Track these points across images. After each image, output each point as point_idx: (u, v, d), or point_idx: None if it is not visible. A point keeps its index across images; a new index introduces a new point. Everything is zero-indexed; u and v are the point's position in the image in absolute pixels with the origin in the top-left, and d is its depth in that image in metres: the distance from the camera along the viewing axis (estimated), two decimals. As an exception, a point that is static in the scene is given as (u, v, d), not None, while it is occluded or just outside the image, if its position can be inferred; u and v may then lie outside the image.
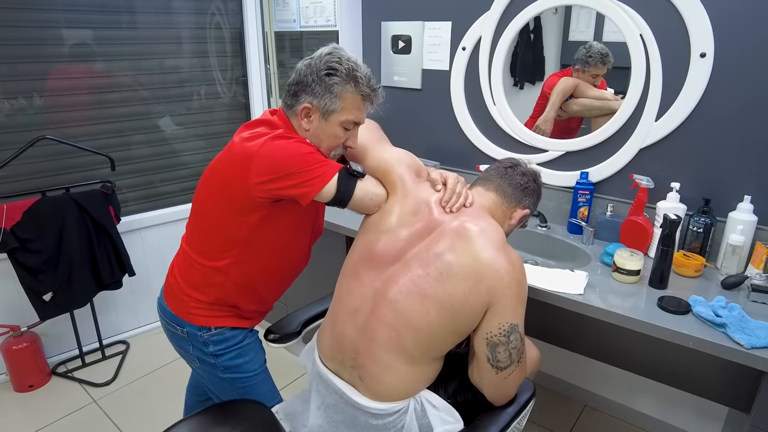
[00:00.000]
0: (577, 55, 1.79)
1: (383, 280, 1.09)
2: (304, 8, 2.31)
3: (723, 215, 1.52)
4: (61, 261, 2.03)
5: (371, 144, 1.28)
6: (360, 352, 1.10)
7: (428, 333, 1.04)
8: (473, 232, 1.05)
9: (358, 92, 1.15)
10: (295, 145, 1.12)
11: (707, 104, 1.52)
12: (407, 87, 2.20)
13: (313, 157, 1.13)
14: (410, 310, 1.04)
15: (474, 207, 1.16)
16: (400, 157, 1.23)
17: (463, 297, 1.01)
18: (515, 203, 1.22)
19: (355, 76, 1.14)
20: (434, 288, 1.02)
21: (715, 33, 1.45)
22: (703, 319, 1.25)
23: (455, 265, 1.02)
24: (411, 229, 1.11)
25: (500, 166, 1.27)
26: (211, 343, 1.28)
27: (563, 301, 1.39)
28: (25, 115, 2.08)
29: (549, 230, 1.83)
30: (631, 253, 1.47)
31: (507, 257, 1.03)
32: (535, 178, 1.27)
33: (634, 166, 1.69)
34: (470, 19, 1.92)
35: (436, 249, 1.05)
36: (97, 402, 2.11)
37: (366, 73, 1.16)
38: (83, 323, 2.28)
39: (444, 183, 1.19)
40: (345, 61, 1.14)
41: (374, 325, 1.08)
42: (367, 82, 1.16)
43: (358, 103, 1.17)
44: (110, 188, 2.14)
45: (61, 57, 2.13)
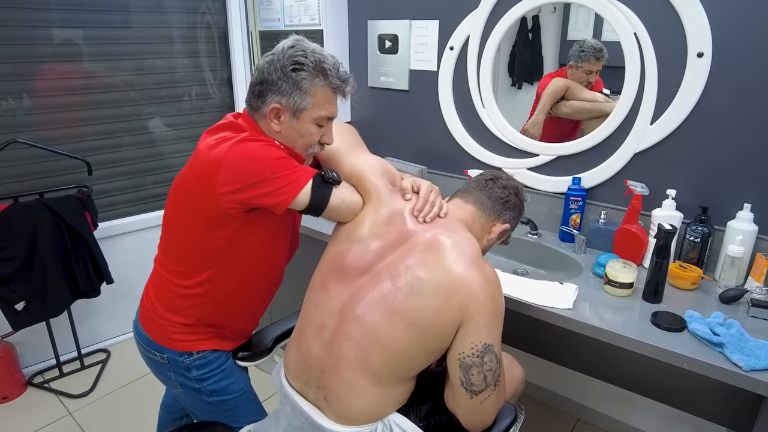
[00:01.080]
0: (570, 52, 1.73)
1: (351, 294, 1.03)
2: (288, 6, 2.23)
3: (721, 224, 1.44)
4: (34, 269, 1.96)
5: (346, 150, 1.22)
6: (326, 371, 1.03)
7: (397, 351, 0.97)
8: (446, 245, 1.00)
9: (329, 85, 1.08)
10: (264, 149, 1.05)
11: (705, 107, 1.44)
12: (394, 88, 2.12)
13: (284, 162, 1.05)
14: (378, 327, 0.98)
15: (450, 219, 1.10)
16: (374, 164, 1.17)
17: (433, 313, 0.94)
18: (494, 217, 1.16)
19: (323, 68, 1.07)
20: (404, 303, 0.96)
21: (713, 31, 1.37)
22: (699, 337, 1.17)
23: (426, 280, 0.96)
24: (383, 240, 1.05)
25: (480, 179, 1.22)
26: (194, 368, 1.21)
27: (551, 317, 1.31)
28: (1, 118, 2.01)
29: (540, 238, 1.75)
30: (624, 264, 1.39)
31: (481, 272, 0.97)
32: (516, 192, 1.21)
33: (628, 172, 1.61)
34: (458, 17, 1.84)
35: (407, 261, 1.00)
36: (72, 414, 2.04)
37: (333, 63, 1.09)
38: (61, 332, 2.20)
39: (416, 191, 1.13)
40: (310, 54, 1.07)
41: (340, 342, 1.01)
42: (336, 73, 1.09)
43: (330, 96, 1.10)
44: (86, 193, 2.07)
45: (43, 57, 2.06)
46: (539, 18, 1.80)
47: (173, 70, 2.43)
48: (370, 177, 1.14)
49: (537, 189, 1.81)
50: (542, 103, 1.79)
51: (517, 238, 1.77)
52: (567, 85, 1.74)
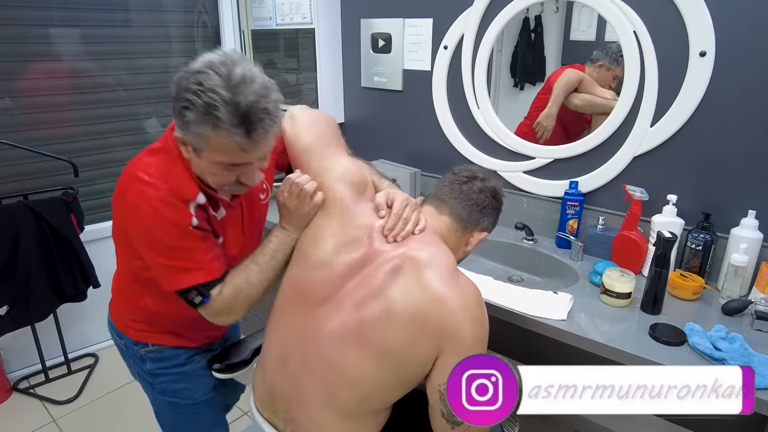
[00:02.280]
0: (603, 51, 1.64)
1: (314, 324, 0.95)
2: (279, 5, 2.18)
3: (725, 231, 1.37)
4: (17, 273, 1.91)
5: (316, 150, 1.11)
6: (291, 405, 0.96)
7: (366, 385, 0.90)
8: (418, 264, 0.90)
9: (222, 137, 0.83)
10: (160, 225, 0.91)
11: (708, 108, 1.37)
12: (388, 88, 2.06)
13: (174, 251, 0.93)
14: (343, 361, 0.90)
15: (424, 231, 1.00)
16: (343, 170, 1.07)
17: (407, 344, 0.86)
18: (472, 227, 1.07)
19: (214, 115, 0.81)
20: (371, 334, 0.88)
21: (716, 29, 1.30)
22: (699, 352, 1.10)
23: (395, 306, 0.87)
24: (347, 262, 0.95)
25: (454, 182, 1.09)
26: (148, 360, 1.16)
27: (545, 328, 1.25)
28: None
29: (535, 244, 1.69)
30: (621, 273, 1.33)
31: (459, 290, 0.88)
32: (494, 194, 1.10)
33: (627, 176, 1.54)
34: (452, 15, 1.78)
35: (373, 285, 0.90)
36: (56, 421, 1.99)
37: (233, 107, 0.81)
38: (48, 336, 2.16)
39: (389, 206, 1.01)
40: (207, 92, 0.81)
41: (303, 377, 0.94)
42: (235, 121, 0.82)
43: (229, 148, 0.85)
44: (72, 195, 2.02)
45: (32, 56, 2.03)
46: (542, 18, 1.76)
47: (167, 69, 2.39)
48: (335, 185, 1.04)
49: (533, 193, 1.74)
50: (556, 93, 1.71)
51: (513, 243, 1.71)
52: (581, 78, 1.67)
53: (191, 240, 0.94)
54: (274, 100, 0.86)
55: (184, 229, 0.92)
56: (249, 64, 0.86)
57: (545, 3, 1.66)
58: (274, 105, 0.87)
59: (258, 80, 0.84)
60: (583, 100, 1.68)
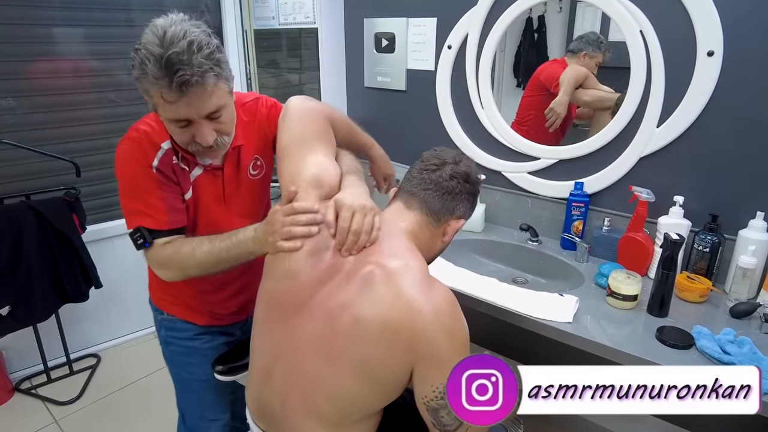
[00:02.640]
0: (585, 39, 1.65)
1: (290, 336, 0.92)
2: (282, 4, 2.17)
3: (732, 233, 1.35)
4: (19, 273, 1.90)
5: (292, 151, 1.06)
6: (278, 418, 0.95)
7: (345, 398, 0.87)
8: (388, 271, 0.86)
9: (153, 87, 0.90)
10: (124, 159, 1.04)
11: (715, 108, 1.35)
12: (391, 88, 2.05)
13: (130, 188, 1.04)
14: (319, 374, 0.87)
15: (391, 233, 0.94)
16: (313, 173, 1.01)
17: (379, 355, 0.83)
18: (447, 216, 0.98)
19: (143, 69, 0.88)
20: (344, 349, 0.85)
21: (724, 29, 1.29)
22: (707, 355, 1.09)
23: (365, 317, 0.83)
24: (314, 270, 0.91)
25: (423, 169, 1.00)
26: (163, 327, 1.27)
27: (550, 331, 1.24)
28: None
29: (540, 245, 1.68)
30: (627, 275, 1.31)
31: (431, 300, 0.83)
32: (466, 178, 1.00)
33: (633, 177, 1.53)
34: (456, 14, 1.77)
35: (343, 295, 0.86)
36: (58, 422, 1.98)
37: (161, 57, 0.86)
38: (50, 336, 2.15)
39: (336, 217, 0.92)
40: (142, 48, 0.89)
41: (285, 391, 0.93)
42: (162, 74, 0.87)
43: (163, 99, 0.91)
44: (74, 195, 2.01)
45: (33, 56, 2.02)
46: (545, 18, 1.75)
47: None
48: (299, 192, 0.98)
49: (538, 194, 1.73)
50: (567, 85, 1.69)
51: (517, 245, 1.70)
52: (587, 74, 1.66)
53: (148, 181, 1.02)
54: (206, 55, 0.90)
55: (145, 168, 1.01)
56: (188, 25, 0.92)
57: (549, 3, 1.65)
58: (208, 60, 0.91)
59: (189, 37, 0.89)
60: (592, 96, 1.67)
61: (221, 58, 0.95)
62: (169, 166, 1.05)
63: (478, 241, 1.73)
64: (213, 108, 0.96)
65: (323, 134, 1.11)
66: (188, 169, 1.08)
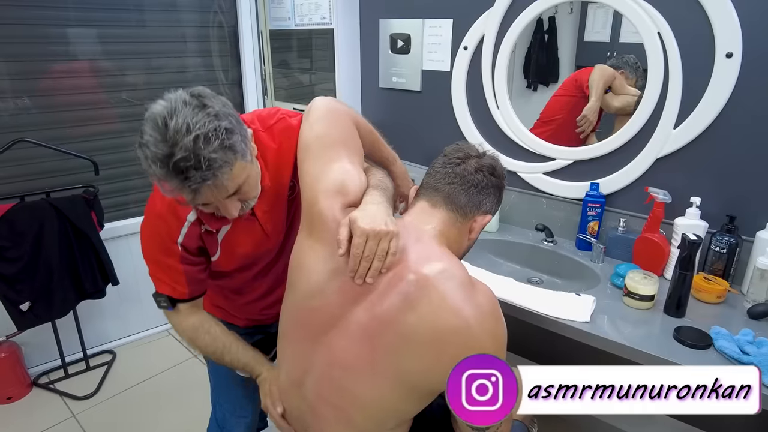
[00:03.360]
0: (625, 60, 1.64)
1: (321, 353, 0.90)
2: (298, 5, 2.19)
3: (750, 234, 1.36)
4: (39, 269, 1.94)
5: (311, 148, 0.99)
6: (311, 426, 0.96)
7: (381, 407, 0.87)
8: (428, 282, 0.82)
9: (166, 186, 0.83)
10: (150, 232, 1.04)
11: (733, 110, 1.36)
12: (406, 89, 2.07)
13: (154, 258, 1.05)
14: (356, 389, 0.86)
15: (422, 238, 0.90)
16: (334, 179, 0.94)
17: (423, 369, 0.81)
18: (473, 211, 0.95)
19: (152, 170, 0.82)
20: (384, 363, 0.83)
21: (743, 30, 1.29)
22: (726, 355, 1.09)
23: (409, 335, 0.81)
24: (343, 288, 0.87)
25: (447, 163, 0.97)
26: None
27: (568, 330, 1.25)
28: (6, 117, 2.00)
29: (556, 245, 1.68)
30: (644, 275, 1.32)
31: (474, 305, 0.82)
32: (492, 170, 0.97)
33: (649, 178, 1.53)
34: (473, 16, 1.78)
35: (380, 314, 0.83)
36: (75, 417, 2.01)
37: (168, 159, 0.79)
38: (67, 332, 2.18)
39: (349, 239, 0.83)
40: (144, 147, 0.81)
41: (317, 402, 0.92)
42: (171, 176, 0.80)
43: (177, 196, 0.86)
44: (92, 193, 2.05)
45: (51, 56, 2.05)
46: (555, 19, 1.76)
47: (184, 69, 2.41)
48: (321, 200, 0.92)
49: (553, 194, 1.74)
50: (597, 88, 1.68)
51: (533, 245, 1.71)
52: (614, 75, 1.65)
53: (172, 257, 1.02)
54: (215, 149, 0.81)
55: (170, 245, 1.01)
56: (191, 112, 0.82)
57: (560, 4, 1.65)
58: (221, 152, 0.82)
59: (195, 132, 0.79)
60: (622, 101, 1.66)
61: (234, 141, 0.84)
62: (196, 237, 1.02)
63: (494, 241, 1.74)
64: (233, 190, 0.89)
65: (347, 138, 1.03)
66: (215, 232, 1.05)
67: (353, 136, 1.04)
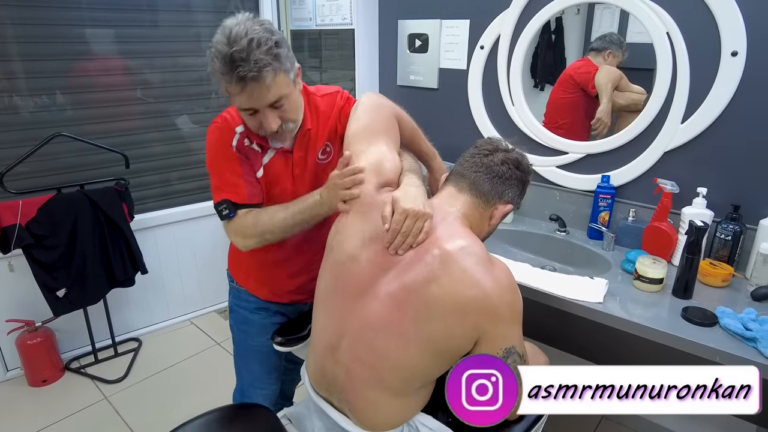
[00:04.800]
0: (608, 38, 1.71)
1: (355, 315, 0.99)
2: (320, 6, 2.28)
3: (754, 222, 1.44)
4: (74, 257, 2.04)
5: (355, 137, 1.15)
6: (344, 388, 1.03)
7: (410, 368, 0.95)
8: (452, 255, 0.92)
9: (223, 80, 1.03)
10: (211, 142, 1.19)
11: (738, 105, 1.44)
12: (423, 86, 2.15)
13: (216, 166, 1.18)
14: (387, 349, 0.95)
15: (444, 218, 1.01)
16: (374, 159, 1.09)
17: (447, 334, 0.91)
18: (495, 199, 1.05)
19: (214, 65, 1.02)
20: (412, 328, 0.92)
21: (748, 30, 1.38)
22: (731, 332, 1.18)
23: (433, 303, 0.90)
24: (375, 257, 0.98)
25: (476, 154, 1.08)
26: (232, 294, 1.42)
27: (582, 310, 1.33)
28: (44, 113, 2.10)
29: (568, 235, 1.77)
30: (653, 260, 1.41)
31: (492, 278, 0.91)
32: (517, 164, 1.07)
33: (658, 170, 1.62)
34: (489, 17, 1.87)
35: (407, 283, 0.93)
36: (108, 399, 2.11)
37: (226, 54, 0.98)
38: (96, 320, 2.28)
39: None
40: (212, 47, 1.02)
41: (351, 363, 1.00)
42: (227, 69, 0.99)
43: (232, 89, 1.03)
44: (124, 186, 2.15)
45: (80, 55, 2.14)
46: (562, 20, 1.81)
47: (202, 68, 2.49)
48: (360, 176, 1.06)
49: (566, 187, 1.82)
50: (607, 90, 1.75)
51: (545, 235, 1.79)
52: (621, 75, 1.72)
53: (230, 160, 1.16)
54: (264, 51, 0.99)
55: (226, 148, 1.16)
56: (251, 23, 1.01)
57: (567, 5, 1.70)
58: (267, 55, 1.00)
59: (251, 36, 0.98)
60: (627, 99, 1.74)
61: (281, 52, 1.03)
62: (244, 148, 1.18)
63: (509, 231, 1.83)
64: (273, 98, 1.06)
65: (388, 128, 1.18)
66: (260, 152, 1.20)
67: (393, 127, 1.20)
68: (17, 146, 2.02)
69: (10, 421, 1.98)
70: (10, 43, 1.98)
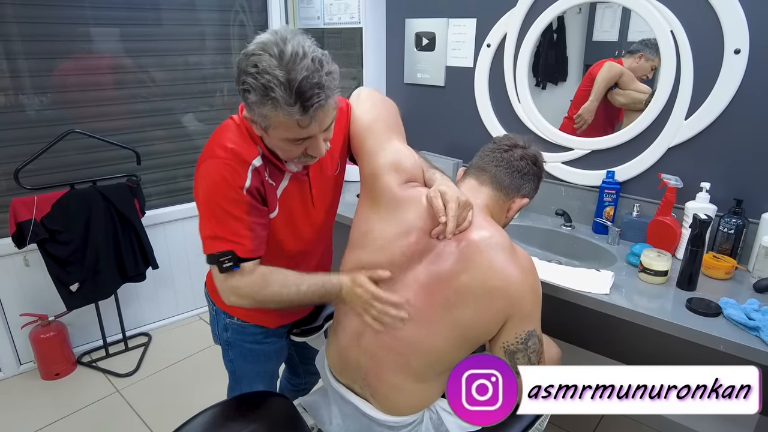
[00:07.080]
0: (645, 42, 1.69)
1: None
2: (328, 5, 2.31)
3: (756, 216, 1.48)
4: (87, 252, 2.07)
5: (372, 132, 1.12)
6: (368, 374, 1.06)
7: (436, 354, 1.00)
8: (479, 246, 0.96)
9: (282, 116, 0.87)
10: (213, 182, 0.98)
11: (741, 102, 1.48)
12: (430, 84, 2.19)
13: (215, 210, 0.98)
14: (415, 337, 0.99)
15: (473, 212, 1.03)
16: (393, 155, 1.08)
17: (474, 319, 0.95)
18: (514, 193, 1.11)
19: (271, 96, 0.85)
20: (441, 315, 0.96)
21: (750, 28, 1.41)
22: (734, 321, 1.21)
23: (461, 289, 0.95)
24: (403, 248, 1.01)
25: (496, 149, 1.13)
26: (229, 330, 1.26)
27: (588, 301, 1.36)
28: (51, 111, 2.13)
29: (573, 230, 1.80)
30: (658, 253, 1.44)
31: (517, 265, 0.96)
32: (534, 160, 1.13)
33: (662, 166, 1.65)
34: (495, 16, 1.90)
35: (437, 272, 0.97)
36: (120, 392, 2.15)
37: (288, 83, 0.84)
38: (107, 314, 2.32)
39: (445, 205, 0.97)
40: (262, 73, 0.84)
41: (378, 350, 1.04)
42: (292, 99, 0.85)
43: (290, 125, 0.89)
44: (135, 182, 2.18)
45: (88, 53, 2.17)
46: (564, 19, 1.83)
47: (206, 66, 2.51)
48: (384, 176, 1.06)
49: (571, 182, 1.86)
50: (596, 89, 1.78)
51: (551, 230, 1.82)
52: (621, 72, 1.74)
53: (239, 206, 0.98)
54: (327, 72, 0.88)
55: (236, 191, 0.97)
56: (300, 38, 0.88)
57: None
58: (329, 77, 0.88)
59: (309, 55, 0.86)
60: (627, 97, 1.77)
61: (334, 69, 0.91)
62: (260, 185, 1.02)
63: (515, 226, 1.86)
64: (331, 120, 0.96)
65: (398, 123, 1.19)
66: (275, 185, 1.06)
67: (400, 122, 1.21)
68: (29, 143, 2.05)
69: (24, 414, 2.01)
70: (17, 42, 2.01)
